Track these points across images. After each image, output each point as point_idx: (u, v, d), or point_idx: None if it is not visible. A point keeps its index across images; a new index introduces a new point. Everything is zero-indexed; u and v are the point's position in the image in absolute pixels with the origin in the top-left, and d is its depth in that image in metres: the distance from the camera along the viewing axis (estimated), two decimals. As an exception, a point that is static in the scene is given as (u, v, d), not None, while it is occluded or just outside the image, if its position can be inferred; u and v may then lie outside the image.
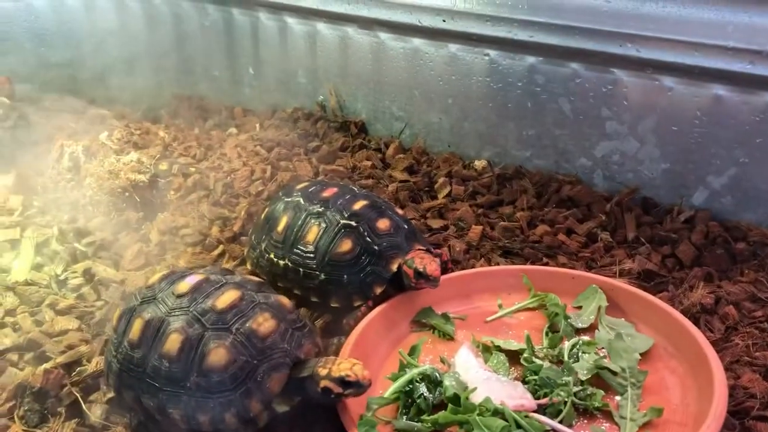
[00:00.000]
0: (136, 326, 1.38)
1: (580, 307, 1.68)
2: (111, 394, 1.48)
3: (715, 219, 2.08)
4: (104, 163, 2.30)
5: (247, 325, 1.33)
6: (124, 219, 2.16)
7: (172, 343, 1.31)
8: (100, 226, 2.14)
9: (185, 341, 1.31)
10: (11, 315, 1.78)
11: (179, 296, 1.39)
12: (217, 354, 1.29)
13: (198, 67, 3.13)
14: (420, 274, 1.61)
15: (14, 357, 1.62)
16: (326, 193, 1.80)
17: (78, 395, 1.50)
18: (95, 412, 1.47)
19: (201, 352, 1.30)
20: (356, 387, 1.28)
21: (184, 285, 1.41)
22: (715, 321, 1.66)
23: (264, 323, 1.34)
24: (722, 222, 2.06)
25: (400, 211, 1.85)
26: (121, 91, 3.06)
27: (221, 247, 2.02)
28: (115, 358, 1.41)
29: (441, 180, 2.39)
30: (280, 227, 1.78)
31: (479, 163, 2.49)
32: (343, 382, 1.27)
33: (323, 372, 1.29)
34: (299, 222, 1.75)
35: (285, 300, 1.45)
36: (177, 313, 1.36)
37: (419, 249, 1.72)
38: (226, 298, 1.37)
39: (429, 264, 1.62)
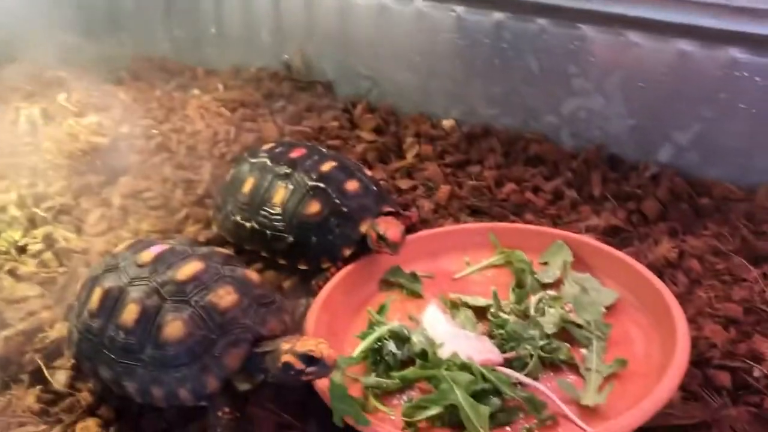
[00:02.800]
0: (96, 295, 1.35)
1: (546, 263, 1.70)
2: (74, 361, 1.46)
3: (680, 175, 2.09)
4: (63, 126, 2.25)
5: (207, 298, 1.28)
6: (85, 183, 2.11)
7: (129, 313, 1.28)
8: (60, 190, 2.08)
9: (142, 312, 1.27)
10: (-31, 282, 1.74)
11: (141, 266, 1.35)
12: (174, 326, 1.25)
13: (158, 27, 3.04)
14: (381, 238, 1.60)
15: (-27, 325, 1.59)
16: (293, 155, 1.77)
17: (41, 362, 1.47)
18: (59, 379, 1.44)
19: (157, 323, 1.26)
20: (320, 366, 1.20)
21: (147, 254, 1.37)
22: (679, 274, 1.68)
23: (225, 297, 1.29)
24: (687, 178, 2.07)
25: (368, 173, 1.83)
26: (80, 52, 2.95)
27: (185, 210, 1.99)
28: (76, 327, 1.38)
29: (409, 140, 2.37)
30: (246, 189, 1.75)
31: (447, 123, 2.47)
32: (306, 357, 1.20)
33: (286, 346, 1.23)
34: (266, 184, 1.73)
35: (253, 274, 1.41)
36: (137, 283, 1.32)
37: (389, 211, 1.71)
38: (188, 269, 1.32)
39: (391, 229, 1.60)
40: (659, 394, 1.18)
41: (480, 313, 1.55)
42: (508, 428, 1.25)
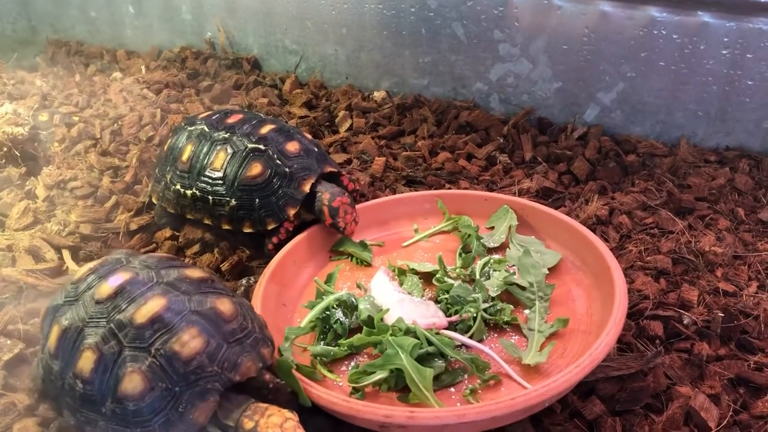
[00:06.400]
0: (54, 333, 1.23)
1: (492, 228, 1.72)
2: (9, 356, 1.40)
3: (606, 134, 2.16)
4: (-25, 117, 2.13)
5: (169, 345, 1.14)
6: (5, 175, 2.01)
7: (86, 361, 1.16)
8: (-22, 185, 1.99)
9: (99, 361, 1.15)
10: None
11: (99, 302, 1.21)
12: (132, 381, 1.12)
13: (72, 9, 2.91)
14: (336, 227, 1.64)
15: None
16: (231, 120, 1.74)
17: (-30, 362, 1.41)
18: (-9, 380, 1.39)
19: (115, 375, 1.13)
20: None
21: (105, 288, 1.22)
22: (610, 231, 1.73)
23: (189, 342, 1.15)
24: (613, 136, 2.14)
25: (308, 136, 1.81)
26: (-12, 38, 2.81)
27: (114, 198, 1.92)
28: (41, 361, 1.27)
29: (341, 114, 2.35)
30: (185, 156, 1.71)
31: (378, 94, 2.47)
32: None
33: (248, 425, 1.12)
34: (205, 149, 1.69)
35: (225, 305, 1.24)
36: (94, 323, 1.19)
37: (331, 171, 1.72)
38: (148, 309, 1.18)
39: (350, 225, 1.65)
40: (596, 352, 1.20)
41: (428, 278, 1.56)
42: (452, 389, 1.27)
